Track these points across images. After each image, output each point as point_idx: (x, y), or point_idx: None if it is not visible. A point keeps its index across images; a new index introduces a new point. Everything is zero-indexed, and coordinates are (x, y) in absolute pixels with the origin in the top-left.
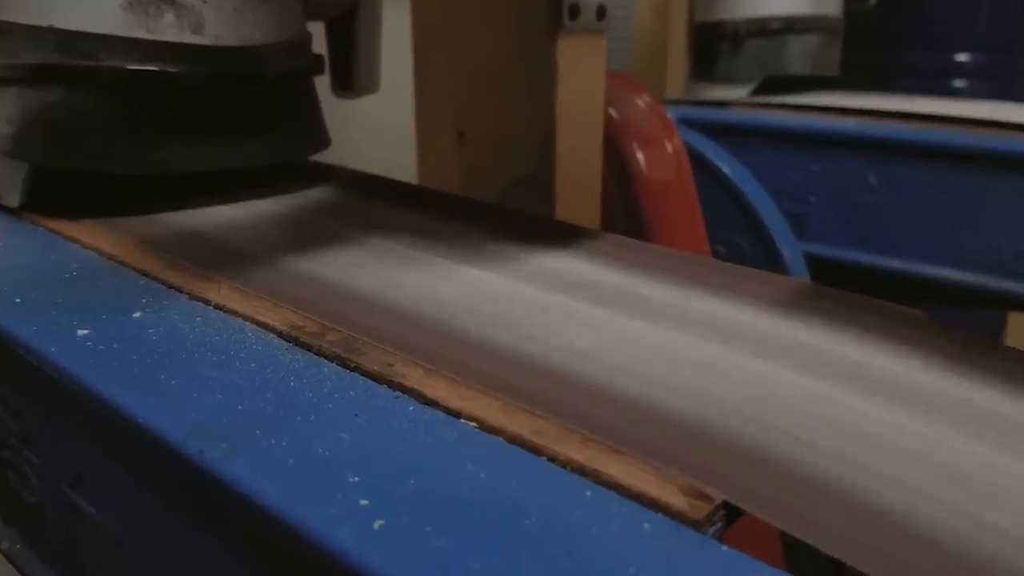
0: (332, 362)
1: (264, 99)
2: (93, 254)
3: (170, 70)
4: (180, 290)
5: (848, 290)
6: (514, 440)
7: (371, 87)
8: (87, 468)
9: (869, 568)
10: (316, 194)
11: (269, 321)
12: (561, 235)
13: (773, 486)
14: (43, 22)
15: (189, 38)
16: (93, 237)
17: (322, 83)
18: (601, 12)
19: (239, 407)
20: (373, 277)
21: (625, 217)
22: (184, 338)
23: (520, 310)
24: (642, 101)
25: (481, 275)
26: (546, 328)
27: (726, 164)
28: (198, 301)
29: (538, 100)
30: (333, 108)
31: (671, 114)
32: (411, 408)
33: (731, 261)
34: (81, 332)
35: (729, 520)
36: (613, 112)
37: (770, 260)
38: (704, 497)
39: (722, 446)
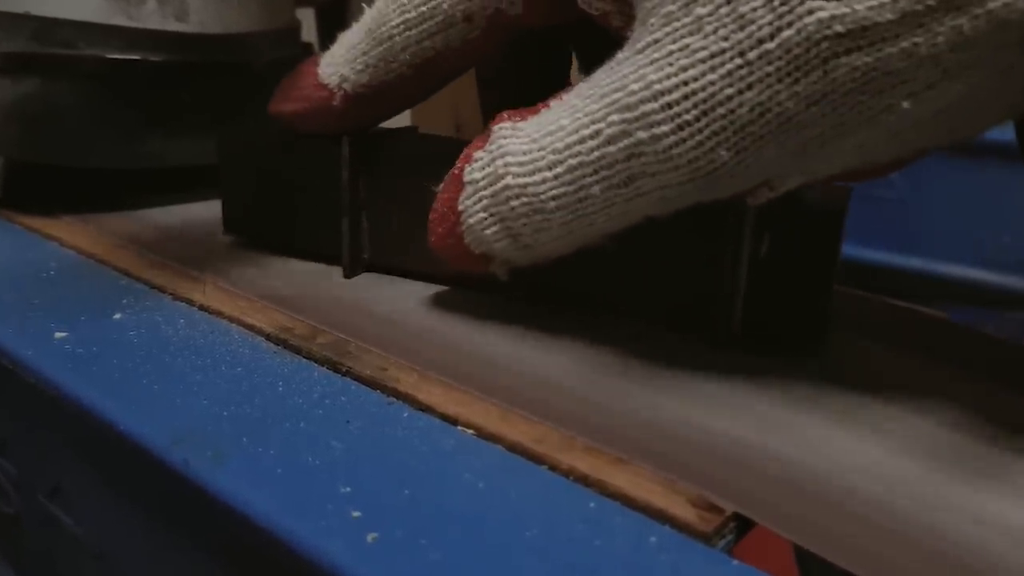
0: (323, 366)
1: (251, 90)
2: (72, 252)
3: (152, 59)
4: (163, 290)
5: (865, 291)
6: (514, 448)
7: None
8: (65, 478)
9: None
10: None
11: (256, 323)
12: None
13: (786, 497)
14: (19, 9)
15: (172, 25)
16: (72, 235)
17: None
18: None
19: (225, 413)
20: (364, 277)
21: None
22: (167, 340)
23: (520, 312)
24: None
25: None
26: (546, 331)
27: None
28: (182, 302)
29: None
30: None
31: None
32: (405, 414)
33: None
34: (59, 334)
35: (740, 533)
36: None
37: None
38: (714, 508)
39: (732, 455)
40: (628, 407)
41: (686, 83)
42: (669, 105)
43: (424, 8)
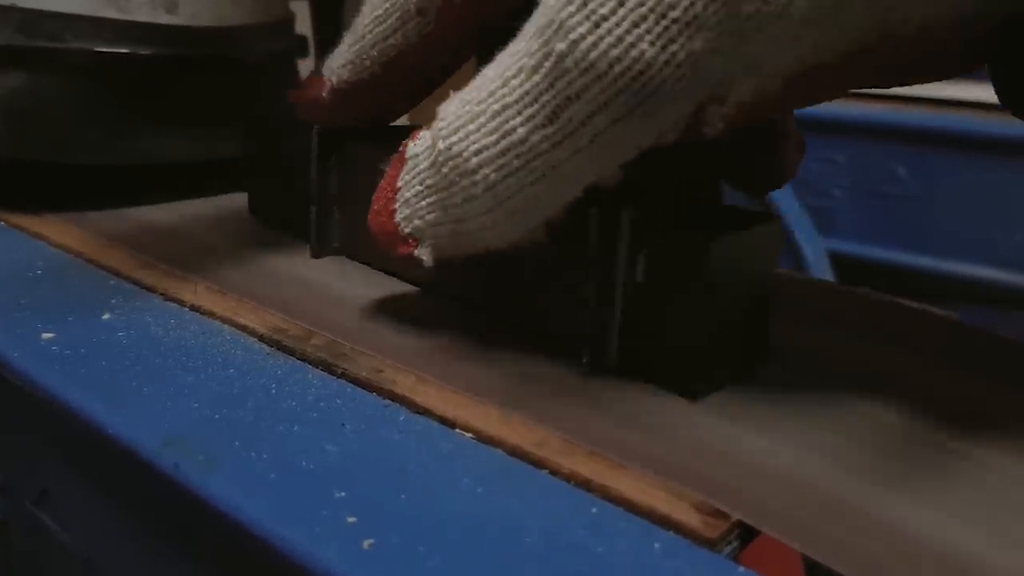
0: (317, 368)
1: (244, 84)
2: (59, 251)
3: (142, 52)
4: (153, 290)
5: (874, 290)
6: (514, 452)
7: None
8: (52, 483)
9: None
10: None
11: (249, 323)
12: None
13: (792, 503)
14: (4, 1)
15: (162, 18)
16: (59, 233)
17: (308, 67)
18: None
19: (217, 416)
20: (361, 278)
21: None
22: (157, 342)
23: None
24: None
25: None
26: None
27: None
28: (172, 302)
29: None
30: None
31: None
32: (402, 417)
33: None
34: (46, 335)
35: (746, 538)
36: None
37: (791, 258)
38: (719, 514)
39: (735, 459)
40: (628, 409)
41: None
42: (584, 3)
43: (387, 4)
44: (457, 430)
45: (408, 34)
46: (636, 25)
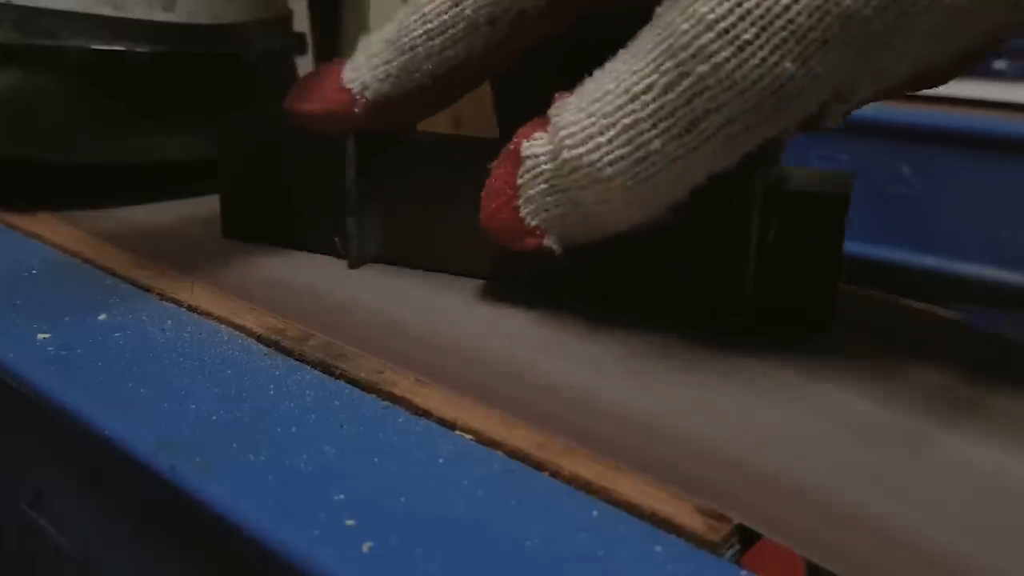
0: (315, 369)
1: (242, 82)
2: (55, 251)
3: (138, 50)
4: (149, 290)
5: (880, 290)
6: (515, 454)
7: None
8: (48, 485)
9: None
10: None
11: (246, 324)
12: None
13: (795, 506)
14: None
15: (159, 15)
16: (55, 232)
17: (306, 65)
18: None
19: (214, 418)
20: (359, 280)
21: None
22: (154, 342)
23: (520, 318)
24: None
25: (476, 281)
26: (543, 335)
27: None
28: (169, 302)
29: None
30: None
31: None
32: (401, 419)
33: None
34: (41, 336)
35: (747, 543)
36: None
37: None
38: (721, 517)
39: (735, 463)
40: (630, 411)
41: (739, 4)
42: (726, 31)
43: (446, 16)
44: (457, 432)
45: (472, 45)
46: (778, 48)
